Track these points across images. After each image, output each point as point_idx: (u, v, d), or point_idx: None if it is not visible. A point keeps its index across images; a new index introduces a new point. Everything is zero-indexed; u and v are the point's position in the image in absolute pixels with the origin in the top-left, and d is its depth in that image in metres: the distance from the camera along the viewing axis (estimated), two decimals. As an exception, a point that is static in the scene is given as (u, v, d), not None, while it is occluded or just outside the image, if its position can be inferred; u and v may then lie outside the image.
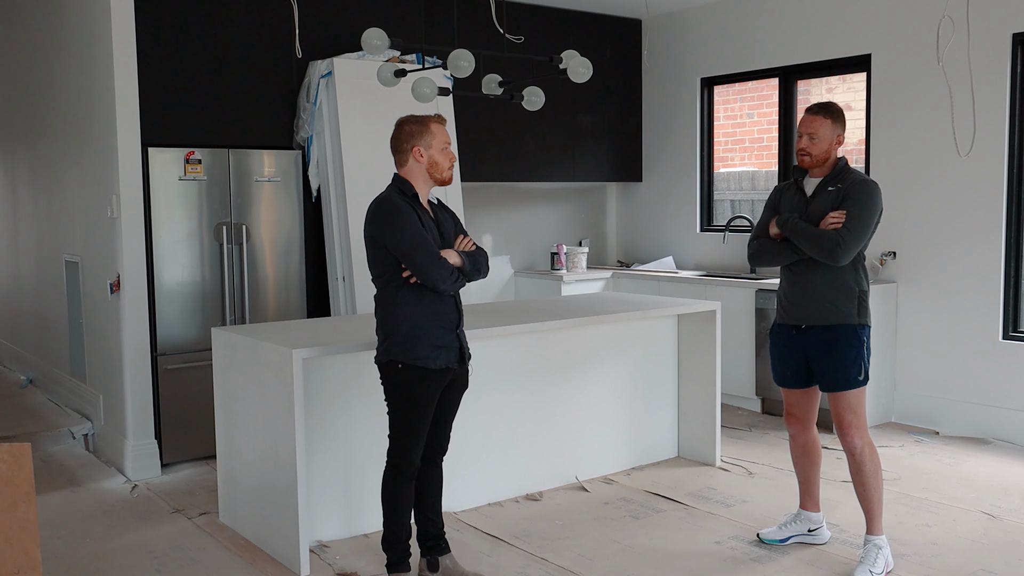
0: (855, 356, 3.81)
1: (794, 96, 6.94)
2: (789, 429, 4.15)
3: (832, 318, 3.82)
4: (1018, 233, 5.68)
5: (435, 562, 3.81)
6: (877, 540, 3.82)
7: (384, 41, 4.41)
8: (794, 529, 4.16)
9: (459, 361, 3.63)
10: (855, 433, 3.82)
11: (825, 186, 3.86)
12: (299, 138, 5.81)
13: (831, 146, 3.83)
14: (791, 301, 3.93)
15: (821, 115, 3.81)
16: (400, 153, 3.59)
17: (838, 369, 3.81)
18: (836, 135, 3.83)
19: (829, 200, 3.83)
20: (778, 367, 4.07)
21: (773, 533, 4.18)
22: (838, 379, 3.82)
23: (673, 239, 7.78)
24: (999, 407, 5.73)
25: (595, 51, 7.24)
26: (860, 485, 3.85)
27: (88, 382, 6.01)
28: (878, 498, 3.84)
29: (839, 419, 3.85)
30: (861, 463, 3.82)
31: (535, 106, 4.93)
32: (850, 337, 3.82)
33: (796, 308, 3.90)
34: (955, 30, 5.09)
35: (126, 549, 4.21)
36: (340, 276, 5.71)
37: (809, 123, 3.83)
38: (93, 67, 5.41)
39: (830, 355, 3.83)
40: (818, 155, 3.83)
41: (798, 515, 4.18)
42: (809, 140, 3.82)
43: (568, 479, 5.05)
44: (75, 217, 6.04)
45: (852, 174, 3.86)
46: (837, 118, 3.83)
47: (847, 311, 3.82)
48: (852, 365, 3.81)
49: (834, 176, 3.86)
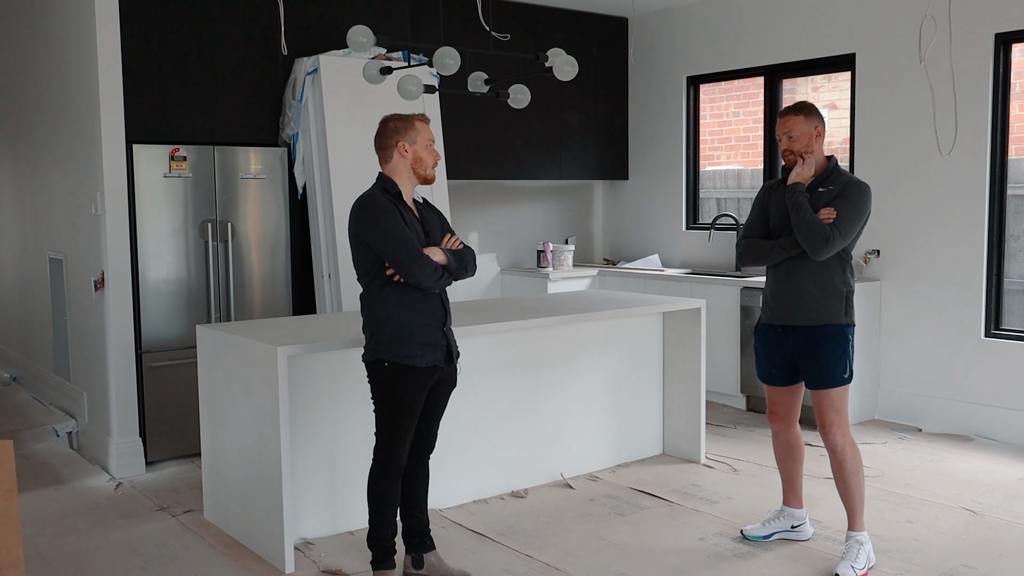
0: (841, 354, 3.84)
1: (779, 95, 6.97)
2: (772, 427, 4.18)
3: (819, 318, 3.84)
4: (1000, 231, 5.73)
5: (420, 559, 3.81)
6: (859, 536, 3.84)
7: (370, 38, 4.41)
8: (777, 525, 4.18)
9: (446, 359, 3.63)
10: (837, 431, 3.85)
11: (816, 187, 3.88)
12: (285, 135, 5.80)
13: (811, 139, 3.85)
14: (778, 301, 3.95)
15: (791, 114, 3.88)
16: (384, 150, 3.59)
17: (824, 367, 3.84)
18: (813, 127, 3.85)
19: (821, 201, 3.84)
20: (763, 364, 4.09)
21: (756, 530, 4.20)
22: (824, 377, 3.85)
23: (659, 237, 7.80)
24: (981, 404, 5.78)
25: (581, 49, 7.26)
26: (841, 482, 3.88)
27: (72, 380, 5.98)
28: (860, 495, 3.87)
29: (822, 417, 3.87)
30: (843, 460, 3.85)
31: (521, 104, 4.93)
32: (836, 336, 3.84)
33: (783, 308, 3.92)
34: (937, 30, 5.13)
35: (110, 547, 4.20)
36: (326, 273, 5.71)
37: (783, 124, 3.89)
38: (77, 63, 5.39)
39: (816, 353, 3.85)
40: (800, 151, 3.86)
41: (781, 511, 4.21)
42: (788, 139, 3.88)
43: (553, 476, 5.06)
44: (59, 214, 6.02)
45: (844, 175, 3.89)
46: (809, 113, 3.87)
47: (834, 311, 3.84)
48: (838, 363, 3.84)
49: (825, 177, 3.88)
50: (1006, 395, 5.67)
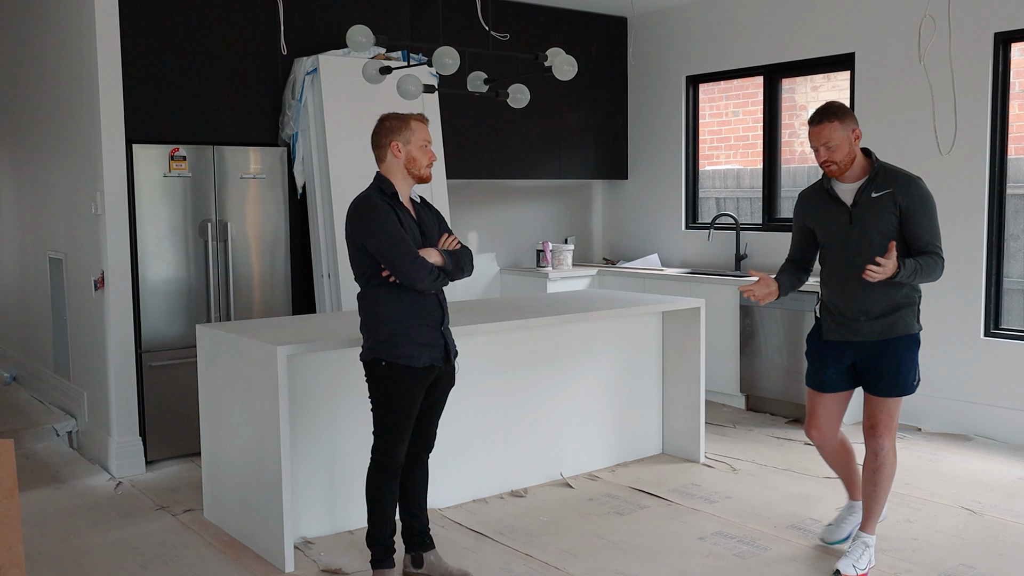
0: (913, 362, 3.72)
1: (779, 94, 6.97)
2: (812, 439, 3.99)
3: (894, 331, 3.68)
4: (999, 231, 5.73)
5: (419, 558, 3.81)
6: (867, 539, 3.81)
7: (369, 38, 4.41)
8: (852, 522, 4.05)
9: (444, 359, 3.64)
10: (888, 435, 3.73)
11: (868, 192, 3.64)
12: (284, 135, 5.80)
13: (851, 146, 3.62)
14: (849, 319, 3.73)
15: (826, 120, 3.60)
16: (379, 148, 3.59)
17: (896, 375, 3.69)
18: (851, 130, 3.60)
19: (879, 207, 3.62)
20: (820, 372, 3.87)
21: (834, 533, 4.07)
22: (895, 385, 3.69)
23: (658, 236, 7.81)
24: (981, 404, 5.78)
25: (580, 49, 7.25)
26: (873, 485, 3.77)
27: (72, 379, 5.99)
28: (884, 501, 3.83)
29: (874, 420, 3.74)
30: (883, 465, 3.75)
31: (520, 104, 4.94)
32: (910, 343, 3.71)
33: (855, 325, 3.72)
34: (936, 29, 5.13)
35: (110, 546, 4.20)
36: (325, 273, 5.71)
37: (817, 135, 3.62)
38: (77, 63, 5.39)
39: (888, 363, 3.69)
40: (843, 160, 3.63)
41: (850, 507, 4.10)
42: (827, 150, 3.61)
43: (553, 475, 5.06)
44: (59, 214, 6.02)
45: (893, 172, 3.67)
46: (843, 115, 3.61)
47: (907, 321, 3.70)
48: (910, 371, 3.71)
49: (873, 177, 3.65)
50: (1006, 395, 5.67)
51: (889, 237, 3.62)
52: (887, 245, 3.56)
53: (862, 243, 3.66)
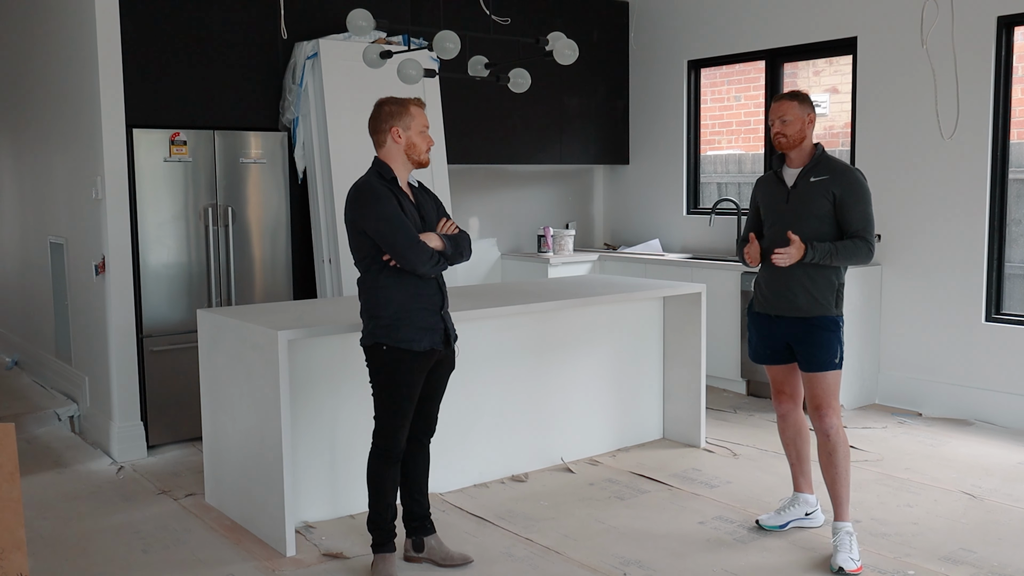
0: (833, 341, 3.88)
1: (780, 79, 6.95)
2: (779, 409, 4.16)
3: (812, 310, 3.89)
4: (1001, 215, 5.72)
5: (421, 543, 3.83)
6: (847, 526, 3.82)
7: (370, 22, 4.40)
8: (792, 513, 4.15)
9: (444, 343, 3.64)
10: (832, 414, 3.87)
11: (807, 176, 3.91)
12: (285, 120, 5.79)
13: (803, 126, 3.91)
14: (772, 292, 3.98)
15: (786, 99, 3.95)
16: (378, 134, 3.58)
17: (817, 352, 3.88)
18: (806, 114, 3.92)
19: (813, 191, 3.87)
20: (757, 347, 4.12)
21: (772, 519, 4.17)
22: (816, 360, 3.88)
23: (659, 222, 7.80)
24: (981, 389, 5.79)
25: (582, 33, 7.22)
26: (831, 467, 3.86)
27: (74, 364, 6.00)
28: (847, 482, 3.87)
29: (816, 400, 3.89)
30: (836, 445, 3.85)
31: (521, 88, 4.92)
32: (829, 324, 3.89)
33: (777, 298, 3.96)
34: (939, 13, 5.11)
35: (112, 530, 4.22)
36: (326, 258, 5.71)
37: (777, 108, 3.96)
38: (78, 48, 5.38)
39: (809, 340, 3.89)
40: (793, 135, 3.90)
41: (795, 499, 4.18)
42: (782, 123, 3.93)
43: (554, 460, 5.07)
44: (60, 198, 6.01)
45: (834, 163, 3.92)
46: (803, 101, 3.94)
47: (826, 303, 3.90)
48: (830, 349, 3.88)
49: (814, 165, 3.92)
50: (1006, 379, 5.68)
51: (823, 220, 3.87)
52: (818, 228, 3.85)
53: (793, 223, 3.89)
